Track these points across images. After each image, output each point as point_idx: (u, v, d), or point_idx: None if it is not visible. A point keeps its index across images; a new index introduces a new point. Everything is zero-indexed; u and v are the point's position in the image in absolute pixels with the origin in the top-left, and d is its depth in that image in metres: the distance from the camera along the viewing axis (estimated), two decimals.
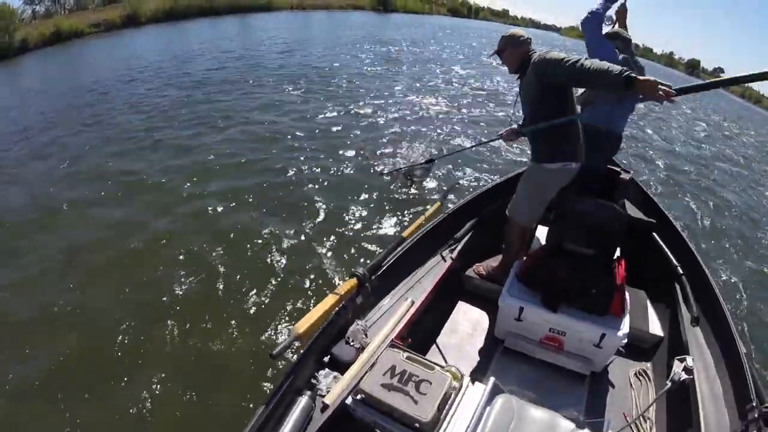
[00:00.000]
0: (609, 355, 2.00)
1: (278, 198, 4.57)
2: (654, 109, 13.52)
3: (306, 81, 10.13)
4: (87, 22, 18.57)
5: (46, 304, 3.02)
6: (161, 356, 2.65)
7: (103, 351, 2.68)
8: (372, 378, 1.52)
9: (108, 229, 3.92)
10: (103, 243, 3.72)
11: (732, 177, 8.75)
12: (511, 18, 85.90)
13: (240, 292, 3.19)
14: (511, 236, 2.35)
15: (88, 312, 2.99)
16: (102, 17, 19.84)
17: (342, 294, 1.70)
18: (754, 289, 4.33)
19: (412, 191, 4.88)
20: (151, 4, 22.98)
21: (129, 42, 16.17)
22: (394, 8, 45.38)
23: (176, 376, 2.51)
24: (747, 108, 36.87)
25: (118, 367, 2.56)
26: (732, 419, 1.61)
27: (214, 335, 2.79)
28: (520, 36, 2.07)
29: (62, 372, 2.53)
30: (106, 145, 5.89)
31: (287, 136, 6.41)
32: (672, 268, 2.47)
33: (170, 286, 3.19)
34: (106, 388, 2.43)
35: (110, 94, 8.46)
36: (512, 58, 2.07)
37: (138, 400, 2.36)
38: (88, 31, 17.99)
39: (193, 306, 3.04)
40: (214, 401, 2.38)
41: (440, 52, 18.63)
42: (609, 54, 2.24)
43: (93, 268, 3.42)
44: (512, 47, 2.06)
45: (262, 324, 2.87)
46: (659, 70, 44.24)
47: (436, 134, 7.16)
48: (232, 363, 2.60)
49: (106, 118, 7.03)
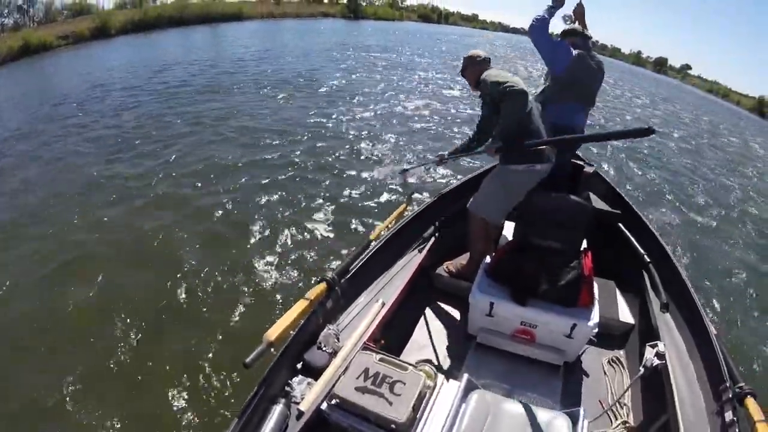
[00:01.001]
0: (581, 344, 2.03)
1: (245, 206, 4.55)
2: (617, 105, 14.10)
3: (277, 88, 10.16)
4: (55, 34, 18.04)
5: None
6: (128, 370, 2.58)
7: (67, 365, 2.59)
8: (346, 382, 1.52)
9: (70, 242, 3.82)
10: (64, 255, 3.62)
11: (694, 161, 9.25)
12: (481, 22, 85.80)
13: (208, 301, 3.15)
14: (474, 232, 2.39)
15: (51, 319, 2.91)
16: (70, 29, 19.30)
17: (312, 299, 1.68)
18: (722, 273, 4.51)
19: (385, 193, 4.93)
20: (120, 16, 22.55)
21: (100, 54, 15.81)
22: (364, 15, 45.81)
23: (146, 390, 2.45)
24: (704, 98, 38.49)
25: (83, 382, 2.48)
26: (707, 400, 1.63)
27: (184, 346, 2.73)
28: (477, 56, 2.27)
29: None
30: (76, 157, 5.75)
31: (256, 144, 6.40)
32: (639, 256, 2.52)
33: (135, 297, 3.12)
34: (72, 407, 2.35)
35: (82, 107, 8.23)
36: (472, 76, 2.28)
37: (104, 417, 2.28)
38: (57, 43, 17.48)
39: (161, 318, 2.97)
40: (188, 413, 2.33)
41: (414, 57, 18.84)
42: (564, 56, 2.35)
43: (49, 282, 3.32)
44: (471, 66, 2.28)
45: (233, 332, 2.84)
46: (627, 70, 45.82)
47: (416, 138, 7.27)
48: (205, 373, 2.55)
49: (74, 131, 6.84)
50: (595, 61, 2.45)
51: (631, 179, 7.04)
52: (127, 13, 23.00)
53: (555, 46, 2.39)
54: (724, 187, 8.17)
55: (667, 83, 45.18)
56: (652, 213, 5.45)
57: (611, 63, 47.89)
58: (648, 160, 8.59)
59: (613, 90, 18.67)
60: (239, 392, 2.40)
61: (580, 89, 2.41)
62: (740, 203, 7.40)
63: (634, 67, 61.69)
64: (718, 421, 1.52)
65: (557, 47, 2.39)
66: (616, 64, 47.57)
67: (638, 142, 10.16)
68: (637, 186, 6.71)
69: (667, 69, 75.14)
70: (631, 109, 15.14)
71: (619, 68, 40.20)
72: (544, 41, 2.36)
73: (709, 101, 36.81)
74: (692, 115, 18.52)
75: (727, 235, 5.72)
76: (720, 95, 54.95)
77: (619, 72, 33.43)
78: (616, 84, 22.17)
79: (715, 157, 10.94)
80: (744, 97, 54.04)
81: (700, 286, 3.96)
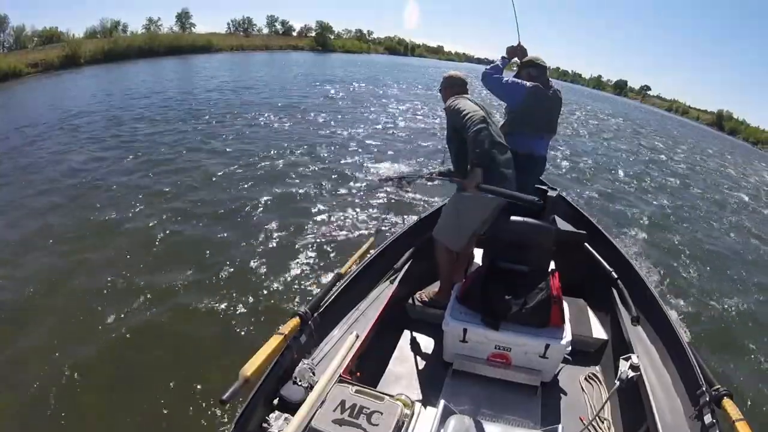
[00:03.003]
0: (556, 364, 2.07)
1: (211, 238, 4.43)
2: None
3: (245, 118, 10.22)
4: (25, 62, 17.78)
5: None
6: (102, 410, 2.46)
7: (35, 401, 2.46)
8: (323, 415, 1.50)
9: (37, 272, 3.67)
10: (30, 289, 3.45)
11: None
12: (446, 54, 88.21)
13: (183, 336, 3.05)
14: (439, 259, 2.44)
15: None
16: (40, 57, 19.05)
17: (286, 333, 1.66)
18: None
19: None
20: (90, 45, 22.36)
21: (70, 83, 15.59)
22: (332, 48, 47.08)
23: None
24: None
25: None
26: (685, 405, 1.68)
27: (158, 384, 2.62)
28: (453, 78, 2.37)
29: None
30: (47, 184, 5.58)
31: (228, 177, 6.25)
32: (607, 273, 2.61)
33: (100, 341, 2.97)
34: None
35: (51, 138, 7.99)
36: (445, 96, 2.35)
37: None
38: (27, 71, 17.19)
39: (133, 356, 2.85)
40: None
41: (384, 87, 19.42)
42: (516, 92, 2.51)
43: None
44: (448, 88, 2.36)
45: (208, 369, 2.73)
46: (589, 94, 48.31)
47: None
48: (180, 411, 2.44)
49: (44, 161, 6.63)
50: (552, 91, 2.59)
51: (593, 198, 7.37)
52: (97, 43, 22.84)
53: (505, 86, 2.54)
54: (683, 199, 8.71)
55: (628, 104, 47.77)
56: (617, 230, 5.67)
57: (572, 88, 50.49)
58: (610, 179, 9.09)
59: (570, 115, 19.59)
60: (216, 429, 2.31)
61: (536, 119, 2.53)
62: (700, 213, 7.92)
63: (594, 91, 65.06)
64: (698, 424, 1.56)
65: (507, 86, 2.54)
66: (578, 89, 50.04)
67: (603, 159, 10.78)
68: (602, 206, 7.00)
69: (627, 91, 79.59)
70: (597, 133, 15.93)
71: (580, 93, 42.27)
72: (496, 85, 2.54)
73: (669, 119, 38.99)
74: (648, 131, 19.67)
75: (691, 244, 6.04)
76: (680, 113, 58.40)
77: (580, 97, 35.14)
78: (579, 108, 23.28)
79: (676, 172, 11.63)
80: (703, 112, 57.79)
81: (667, 298, 4.11)
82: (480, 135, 1.98)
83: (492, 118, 2.25)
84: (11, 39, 21.99)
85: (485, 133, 1.99)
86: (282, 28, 52.83)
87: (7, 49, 21.13)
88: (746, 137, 42.04)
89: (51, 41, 22.72)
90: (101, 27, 28.37)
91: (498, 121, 2.46)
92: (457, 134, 2.17)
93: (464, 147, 2.10)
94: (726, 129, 46.53)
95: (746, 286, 5.09)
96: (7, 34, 21.83)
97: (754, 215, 8.92)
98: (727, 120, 49.51)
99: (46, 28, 23.88)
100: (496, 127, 2.27)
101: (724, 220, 7.88)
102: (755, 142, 39.18)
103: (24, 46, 21.87)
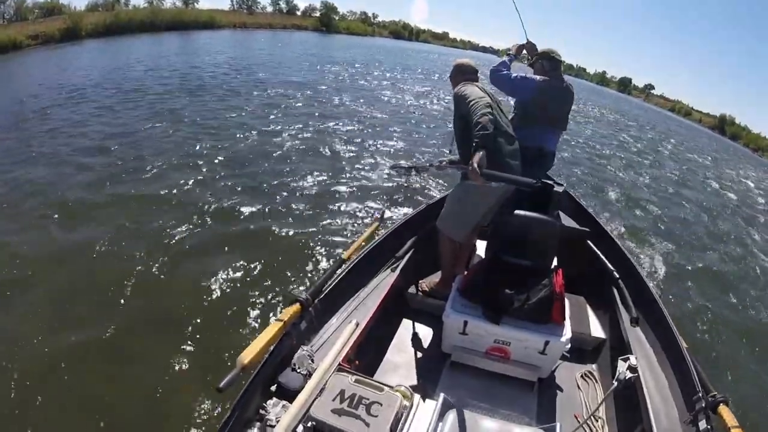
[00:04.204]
0: (554, 360, 2.07)
1: (213, 225, 4.35)
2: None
3: (248, 97, 10.15)
4: (26, 34, 17.44)
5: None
6: (98, 398, 2.42)
7: (29, 395, 2.41)
8: (321, 404, 1.49)
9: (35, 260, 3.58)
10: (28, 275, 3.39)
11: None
12: (451, 40, 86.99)
13: (179, 325, 2.98)
14: (443, 249, 2.43)
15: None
16: (41, 29, 18.69)
17: (285, 320, 1.64)
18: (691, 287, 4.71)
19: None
20: (91, 18, 21.95)
21: (73, 56, 15.34)
22: (336, 29, 46.34)
23: (118, 419, 2.31)
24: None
25: (51, 409, 2.32)
26: (680, 410, 1.68)
27: (154, 372, 2.58)
28: (463, 66, 2.35)
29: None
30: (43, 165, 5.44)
31: (228, 160, 6.14)
32: (608, 272, 2.60)
33: (101, 324, 2.92)
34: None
35: (52, 112, 7.86)
36: (454, 83, 2.32)
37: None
38: (27, 43, 16.89)
39: (130, 344, 2.80)
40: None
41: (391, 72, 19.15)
42: (525, 86, 2.49)
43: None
44: (458, 75, 2.33)
45: (206, 357, 2.70)
46: (592, 90, 47.95)
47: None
48: (177, 400, 2.42)
49: (46, 137, 6.53)
50: (564, 85, 2.55)
51: (597, 196, 7.34)
52: (99, 16, 22.40)
53: (514, 81, 2.51)
54: (684, 202, 8.67)
55: (631, 102, 47.46)
56: (619, 229, 5.65)
57: (577, 82, 50.07)
58: (615, 179, 9.00)
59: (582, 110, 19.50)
60: (213, 417, 2.30)
61: (547, 112, 2.50)
62: (699, 217, 7.85)
63: (598, 87, 64.47)
64: (693, 430, 1.56)
65: (516, 81, 2.51)
66: (583, 85, 49.67)
67: (606, 160, 10.71)
68: (605, 204, 6.97)
69: (630, 89, 79.07)
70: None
71: (585, 88, 42.00)
72: (505, 81, 2.52)
73: (671, 119, 38.85)
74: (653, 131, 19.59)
75: (693, 248, 6.03)
76: (682, 114, 58.12)
77: (585, 92, 34.98)
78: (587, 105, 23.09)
79: (676, 175, 11.58)
80: (705, 115, 57.56)
81: (667, 300, 4.11)
82: (483, 118, 1.93)
83: (501, 107, 2.22)
84: (11, 11, 21.49)
85: (489, 117, 1.94)
86: (286, 7, 51.97)
87: (8, 21, 20.64)
88: (747, 143, 42.10)
89: (52, 13, 22.19)
90: (103, 0, 27.75)
91: (508, 115, 2.42)
92: (462, 121, 2.13)
93: (470, 133, 2.05)
94: (728, 133, 46.49)
95: (749, 296, 5.06)
96: (7, 6, 21.32)
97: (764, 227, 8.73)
98: (729, 125, 49.46)
99: (48, 0, 23.31)
100: (505, 118, 2.24)
101: (731, 232, 7.63)
102: (756, 149, 39.30)
103: (24, 18, 21.37)
